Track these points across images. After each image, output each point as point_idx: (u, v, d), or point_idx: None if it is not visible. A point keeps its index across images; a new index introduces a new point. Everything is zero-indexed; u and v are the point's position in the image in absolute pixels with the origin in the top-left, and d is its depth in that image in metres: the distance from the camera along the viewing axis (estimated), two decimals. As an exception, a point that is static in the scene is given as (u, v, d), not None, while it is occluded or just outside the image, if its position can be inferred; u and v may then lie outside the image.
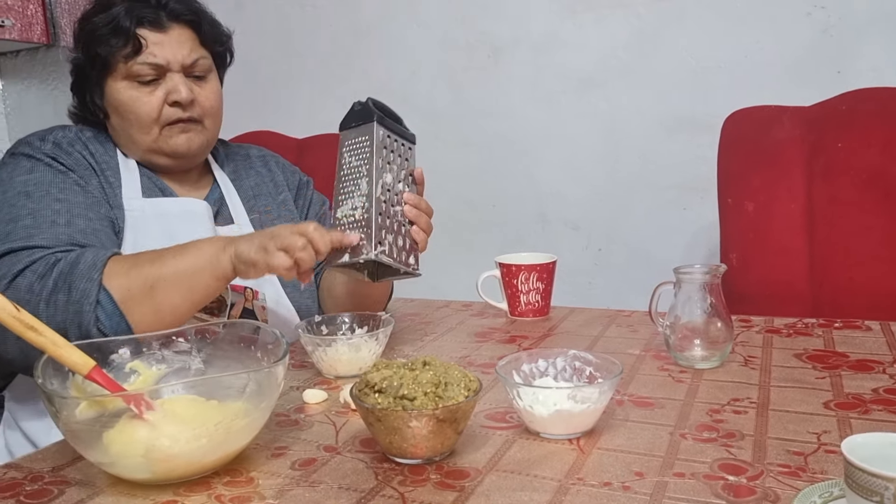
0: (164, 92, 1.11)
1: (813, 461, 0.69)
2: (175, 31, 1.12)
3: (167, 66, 1.10)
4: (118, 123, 1.13)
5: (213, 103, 1.17)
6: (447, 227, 2.24)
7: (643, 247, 1.94)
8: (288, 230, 0.92)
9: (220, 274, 0.95)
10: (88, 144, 1.13)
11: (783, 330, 1.12)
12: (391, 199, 1.00)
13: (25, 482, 0.72)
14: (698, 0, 1.79)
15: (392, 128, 1.02)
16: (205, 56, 1.15)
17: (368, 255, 0.95)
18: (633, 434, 0.77)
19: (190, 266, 0.94)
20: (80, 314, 0.90)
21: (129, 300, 0.92)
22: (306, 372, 1.02)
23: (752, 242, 1.37)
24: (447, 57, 2.12)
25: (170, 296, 0.93)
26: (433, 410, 0.68)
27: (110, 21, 1.08)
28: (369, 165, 0.98)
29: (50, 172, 1.05)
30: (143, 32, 1.09)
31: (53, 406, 0.67)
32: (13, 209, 1.00)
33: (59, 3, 2.76)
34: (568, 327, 1.20)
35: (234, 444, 0.71)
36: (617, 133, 1.94)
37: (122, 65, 1.09)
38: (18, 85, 2.95)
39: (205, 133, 1.16)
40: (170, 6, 1.11)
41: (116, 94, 1.11)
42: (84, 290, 0.90)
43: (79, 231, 1.00)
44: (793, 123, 1.38)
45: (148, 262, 0.94)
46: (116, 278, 0.93)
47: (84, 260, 0.93)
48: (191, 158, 1.18)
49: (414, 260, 1.03)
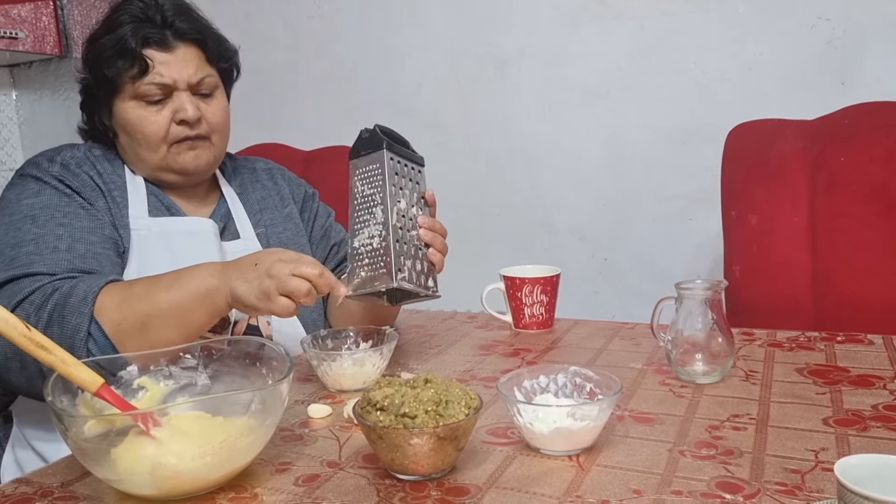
0: (171, 111, 1.12)
1: (810, 479, 0.69)
2: (181, 50, 1.13)
3: (174, 85, 1.12)
4: (126, 142, 1.15)
5: (219, 119, 1.18)
6: (453, 237, 2.24)
7: (648, 257, 1.95)
8: (286, 270, 0.90)
9: (215, 312, 0.96)
10: (97, 164, 1.14)
11: (785, 343, 1.13)
12: (406, 225, 1.01)
13: (35, 497, 0.73)
14: (703, 12, 1.80)
15: (401, 153, 1.03)
16: (211, 74, 1.17)
17: (390, 284, 0.96)
18: (632, 451, 0.78)
19: (183, 302, 0.94)
20: (72, 349, 0.90)
21: (121, 335, 0.93)
22: (311, 386, 1.04)
23: (756, 256, 1.37)
24: (454, 69, 2.13)
25: (162, 332, 0.94)
26: (434, 428, 0.70)
27: (117, 42, 1.10)
28: (382, 193, 0.99)
29: (56, 196, 1.07)
30: (150, 53, 1.10)
31: (63, 424, 0.68)
32: (18, 233, 1.02)
33: (72, 15, 2.79)
34: (571, 340, 1.21)
35: (239, 460, 0.72)
36: (622, 144, 1.95)
37: (129, 85, 1.11)
38: (31, 95, 2.99)
39: (212, 149, 1.18)
40: (175, 25, 1.13)
41: (124, 113, 1.12)
42: (75, 326, 0.92)
43: (79, 256, 1.02)
44: (796, 137, 1.39)
45: (140, 295, 0.94)
46: (108, 313, 0.93)
47: (76, 293, 0.94)
48: (199, 175, 1.19)
49: (433, 282, 1.04)
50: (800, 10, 1.70)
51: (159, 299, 0.94)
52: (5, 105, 3.01)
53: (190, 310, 0.94)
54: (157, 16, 1.12)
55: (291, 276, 0.90)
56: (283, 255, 0.93)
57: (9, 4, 2.61)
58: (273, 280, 0.90)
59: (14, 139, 3.04)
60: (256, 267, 0.92)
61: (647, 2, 1.86)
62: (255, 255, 0.95)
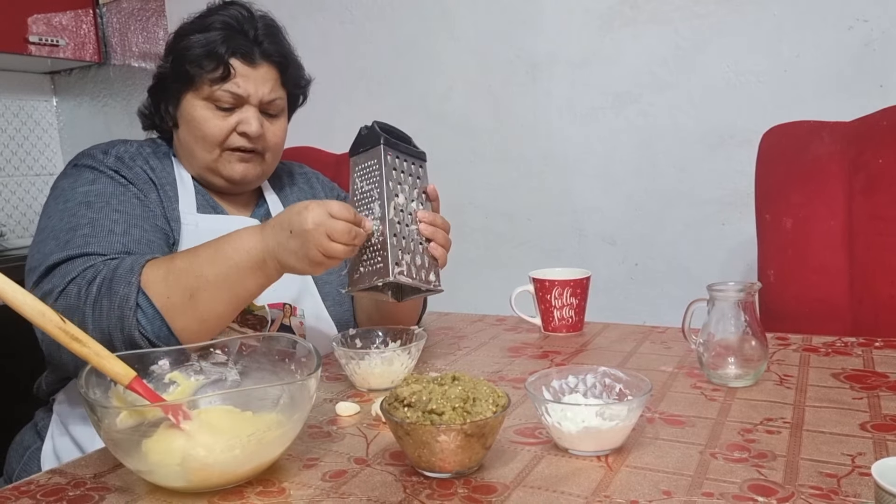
0: (237, 120, 1.15)
1: (846, 484, 0.68)
2: (263, 68, 1.16)
3: (247, 98, 1.15)
4: (184, 136, 1.17)
5: (277, 140, 1.21)
6: (484, 242, 2.25)
7: (680, 262, 1.92)
8: (323, 238, 0.90)
9: (266, 281, 0.97)
10: (149, 159, 1.17)
11: (821, 349, 1.10)
12: (405, 220, 1.01)
13: (69, 488, 0.75)
14: (737, 14, 1.78)
15: (400, 148, 1.03)
16: (281, 97, 1.20)
17: (387, 278, 0.96)
18: (662, 452, 0.76)
19: (231, 274, 0.95)
20: (122, 319, 0.92)
21: (171, 309, 0.94)
22: (340, 384, 1.04)
23: (791, 259, 1.35)
24: (485, 73, 2.13)
25: (212, 304, 0.95)
26: (461, 425, 0.69)
27: (207, 44, 1.12)
28: (380, 189, 0.99)
29: (111, 184, 1.09)
30: (235, 63, 1.13)
31: (95, 415, 0.69)
32: (73, 218, 1.04)
33: (111, 23, 2.86)
34: (601, 343, 1.20)
35: (267, 454, 0.73)
36: (654, 148, 1.93)
37: (206, 86, 1.13)
38: (71, 101, 3.06)
39: (263, 165, 1.21)
40: (264, 46, 1.16)
41: (192, 109, 1.15)
42: (124, 295, 0.93)
43: (134, 241, 1.04)
44: (832, 139, 1.36)
45: (184, 270, 0.95)
46: (155, 284, 0.94)
47: (123, 265, 0.96)
48: (245, 186, 1.22)
49: (434, 276, 1.04)
50: (837, 12, 1.67)
51: (206, 273, 0.94)
52: (46, 111, 3.09)
53: (239, 281, 0.95)
54: (251, 30, 1.16)
55: (330, 241, 0.91)
56: (313, 215, 0.91)
57: (50, 13, 2.68)
58: (315, 248, 0.91)
59: (54, 144, 3.12)
60: (293, 235, 0.92)
61: (680, 4, 1.84)
62: (284, 218, 0.94)
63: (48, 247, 1.02)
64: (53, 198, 1.09)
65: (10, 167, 2.94)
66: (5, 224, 2.85)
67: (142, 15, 2.76)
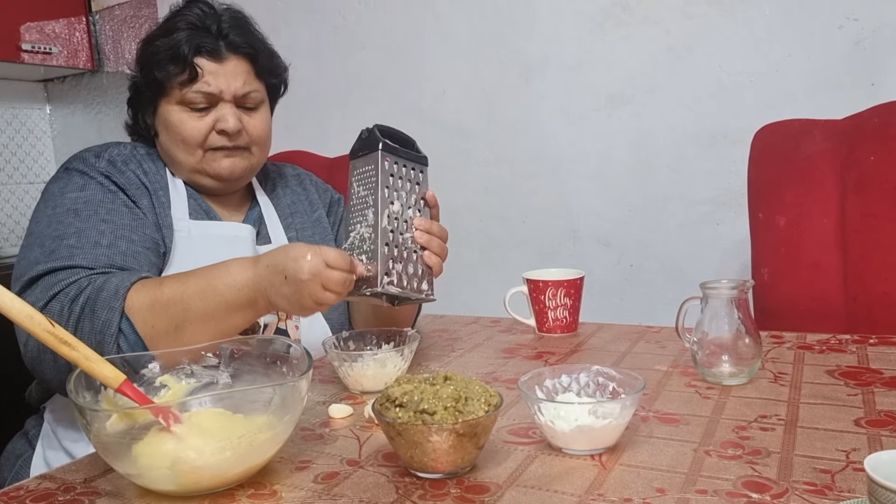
0: (214, 119, 1.13)
1: (840, 479, 0.67)
2: (231, 62, 1.14)
3: (220, 95, 1.13)
4: (165, 142, 1.16)
5: (260, 133, 1.18)
6: (478, 244, 2.25)
7: (675, 262, 1.92)
8: (318, 288, 0.90)
9: (255, 317, 0.97)
10: (143, 162, 1.16)
11: (815, 346, 1.10)
12: (399, 227, 1.00)
13: (58, 493, 0.74)
14: (728, 15, 1.78)
15: (400, 153, 1.01)
16: (257, 89, 1.17)
17: (375, 289, 0.95)
18: (656, 450, 0.76)
19: (218, 311, 0.94)
20: (101, 344, 0.91)
21: (154, 338, 0.93)
22: (333, 387, 1.04)
23: (784, 257, 1.35)
24: (478, 76, 2.14)
25: (197, 336, 0.93)
26: (453, 425, 0.69)
27: (171, 47, 1.11)
28: (374, 195, 0.98)
29: (101, 191, 1.08)
30: (201, 62, 1.11)
31: (85, 419, 0.69)
32: (60, 226, 1.03)
33: (104, 31, 2.85)
34: (596, 343, 1.20)
35: (259, 456, 0.72)
36: (647, 149, 1.93)
37: (176, 90, 1.12)
38: (65, 109, 3.06)
39: (250, 159, 1.18)
40: (230, 38, 1.13)
41: (168, 115, 1.13)
42: (106, 320, 0.92)
43: (119, 253, 1.02)
44: (824, 137, 1.36)
45: (172, 300, 0.93)
46: (140, 312, 0.93)
47: (108, 287, 0.94)
48: (234, 182, 1.20)
49: (427, 285, 1.03)
50: (827, 11, 1.68)
51: (194, 306, 0.93)
52: (39, 119, 3.08)
53: (227, 317, 0.95)
54: (214, 25, 1.13)
55: (324, 291, 0.90)
56: (310, 265, 0.90)
57: (43, 21, 2.68)
58: (308, 297, 0.90)
59: (48, 152, 3.11)
60: (287, 281, 0.90)
61: (671, 6, 1.85)
62: (280, 262, 0.92)
63: (34, 254, 1.01)
64: (43, 201, 1.08)
65: (4, 175, 2.93)
66: (-1, 232, 2.84)
67: (135, 22, 2.76)
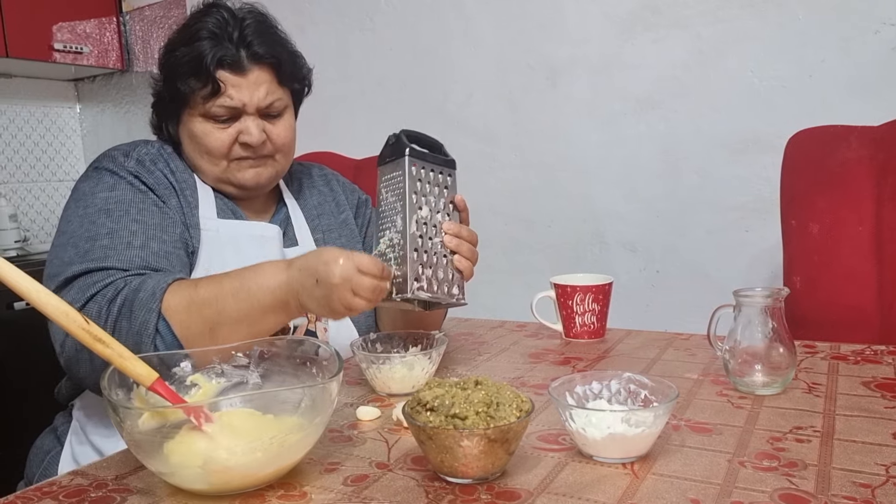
0: (237, 131, 1.12)
1: (881, 494, 0.66)
2: (254, 73, 1.12)
3: (243, 108, 1.12)
4: (189, 150, 1.16)
5: (284, 140, 1.17)
6: (504, 248, 2.24)
7: (702, 269, 1.90)
8: (348, 294, 0.89)
9: (288, 319, 0.98)
10: (170, 162, 1.16)
11: (850, 357, 1.08)
12: (428, 232, 1.00)
13: (90, 489, 0.75)
14: (760, 19, 1.76)
15: (427, 158, 1.00)
16: (280, 97, 1.16)
17: (405, 294, 0.95)
18: (689, 460, 0.75)
19: (252, 312, 0.94)
20: (139, 345, 0.92)
21: (190, 338, 0.94)
22: (360, 389, 1.03)
23: (818, 265, 1.33)
24: (504, 79, 2.13)
25: (230, 337, 0.93)
26: (484, 430, 0.68)
27: (192, 59, 1.09)
28: (403, 201, 0.98)
29: (130, 191, 1.08)
30: (223, 75, 1.10)
31: (118, 416, 0.69)
32: (93, 226, 1.03)
33: (134, 31, 2.89)
34: (623, 350, 1.19)
35: (289, 458, 0.72)
36: (676, 154, 1.91)
37: (199, 103, 1.11)
38: (94, 108, 3.10)
39: (275, 166, 1.18)
40: (252, 48, 1.11)
41: (191, 126, 1.13)
42: (143, 321, 0.93)
43: (152, 254, 1.03)
44: (860, 143, 1.34)
45: (207, 301, 0.94)
46: (177, 314, 0.94)
47: (145, 288, 0.94)
48: (259, 189, 1.20)
49: (458, 290, 1.02)
50: (863, 15, 1.65)
51: (228, 307, 0.94)
52: (69, 118, 3.12)
53: (261, 318, 0.95)
54: (235, 32, 1.11)
55: (354, 296, 0.90)
56: (341, 269, 0.89)
57: (74, 21, 2.71)
58: (338, 301, 0.90)
59: (77, 151, 3.15)
60: (318, 284, 0.90)
61: (702, 9, 1.83)
62: (312, 265, 0.92)
63: (67, 254, 1.02)
64: (74, 200, 1.09)
65: (35, 173, 2.97)
66: (29, 229, 2.88)
67: (164, 22, 2.79)
